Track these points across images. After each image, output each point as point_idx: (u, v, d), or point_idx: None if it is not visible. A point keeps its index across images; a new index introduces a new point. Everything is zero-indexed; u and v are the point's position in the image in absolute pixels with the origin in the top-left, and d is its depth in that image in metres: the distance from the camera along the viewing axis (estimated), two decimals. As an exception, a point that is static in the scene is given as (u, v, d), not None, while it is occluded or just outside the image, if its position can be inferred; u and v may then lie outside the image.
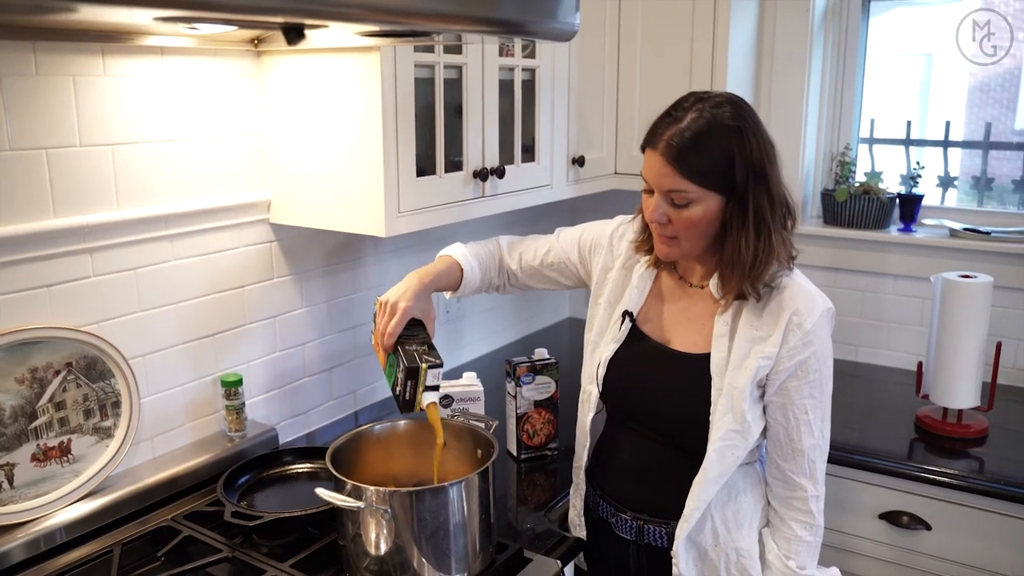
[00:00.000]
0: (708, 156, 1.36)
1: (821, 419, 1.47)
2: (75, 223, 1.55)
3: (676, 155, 1.37)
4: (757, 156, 1.38)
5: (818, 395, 1.45)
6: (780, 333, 1.42)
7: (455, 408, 1.91)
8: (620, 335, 1.58)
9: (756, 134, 1.39)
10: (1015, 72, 2.91)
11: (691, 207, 1.39)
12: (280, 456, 1.86)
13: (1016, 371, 2.49)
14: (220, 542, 1.57)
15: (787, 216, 1.44)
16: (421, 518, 1.37)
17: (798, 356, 1.42)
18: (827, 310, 1.45)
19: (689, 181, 1.37)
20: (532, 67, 2.08)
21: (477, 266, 1.72)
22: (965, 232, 2.52)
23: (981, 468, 2.04)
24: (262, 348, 1.96)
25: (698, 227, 1.41)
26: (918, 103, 3.30)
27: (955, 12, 2.74)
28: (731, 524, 1.50)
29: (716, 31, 2.33)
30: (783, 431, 1.47)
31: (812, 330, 1.42)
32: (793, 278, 1.46)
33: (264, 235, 1.91)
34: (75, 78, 1.53)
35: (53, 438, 1.55)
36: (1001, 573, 1.96)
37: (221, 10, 0.87)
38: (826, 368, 1.46)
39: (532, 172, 2.12)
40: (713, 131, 1.36)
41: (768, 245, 1.40)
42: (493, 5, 1.24)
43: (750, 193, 1.38)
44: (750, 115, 1.41)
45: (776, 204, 1.41)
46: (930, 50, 6.36)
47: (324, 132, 1.76)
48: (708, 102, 1.40)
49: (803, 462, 1.47)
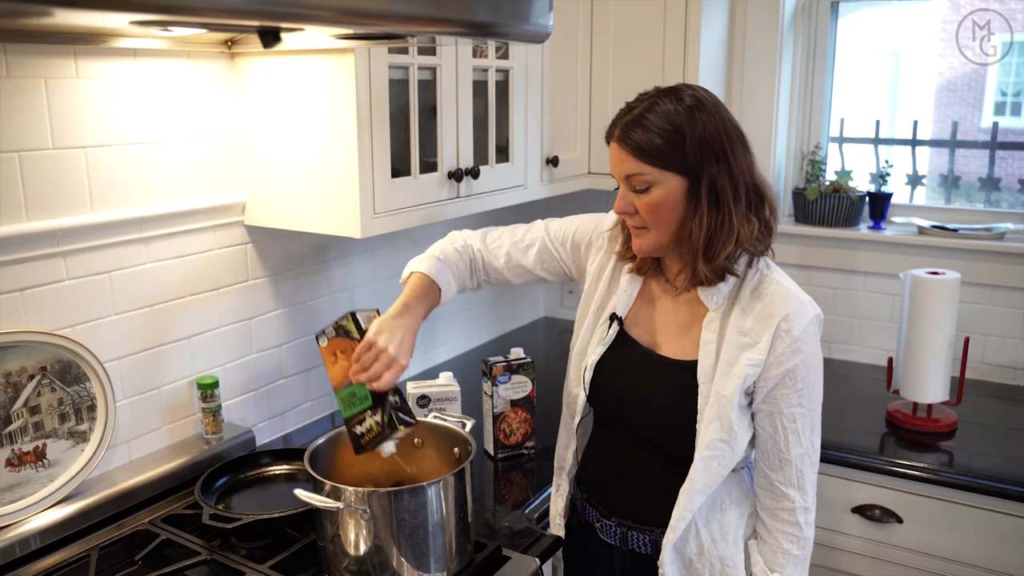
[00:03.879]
0: (660, 135, 1.35)
1: (810, 428, 1.44)
2: (48, 226, 1.54)
3: (630, 139, 1.38)
4: (711, 133, 1.35)
5: (807, 403, 1.42)
6: (768, 339, 1.39)
7: (432, 408, 1.92)
8: (608, 338, 1.55)
9: (713, 114, 1.37)
10: (981, 71, 2.96)
11: (651, 191, 1.38)
12: (257, 458, 1.85)
13: (984, 366, 2.54)
14: (198, 545, 1.57)
15: (757, 203, 1.41)
16: (400, 518, 1.37)
17: (786, 363, 1.39)
18: (816, 316, 1.42)
19: (643, 162, 1.37)
20: (506, 68, 2.09)
21: (452, 278, 1.66)
22: (933, 229, 2.56)
23: (950, 461, 2.07)
24: (238, 350, 1.95)
25: (661, 211, 1.39)
26: (887, 102, 3.34)
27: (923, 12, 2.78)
28: (716, 534, 1.48)
29: (687, 31, 2.36)
30: (770, 440, 1.44)
31: (801, 337, 1.39)
32: (779, 281, 1.44)
33: (239, 237, 1.91)
34: (47, 80, 1.52)
35: (28, 443, 1.54)
36: (970, 563, 2.00)
37: (199, 14, 0.87)
38: (815, 376, 1.43)
39: (506, 172, 2.13)
40: (666, 112, 1.36)
41: (726, 224, 1.37)
42: (468, 8, 1.25)
43: (704, 170, 1.35)
44: (708, 99, 1.39)
45: (740, 187, 1.38)
46: (898, 50, 6.43)
47: (298, 134, 1.76)
48: (664, 91, 1.41)
49: (791, 472, 1.44)
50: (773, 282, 1.43)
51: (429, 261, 1.64)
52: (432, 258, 1.65)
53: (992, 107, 8.40)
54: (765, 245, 1.43)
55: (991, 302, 2.50)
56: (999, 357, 2.52)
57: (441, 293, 1.62)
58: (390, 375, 1.43)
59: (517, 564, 1.55)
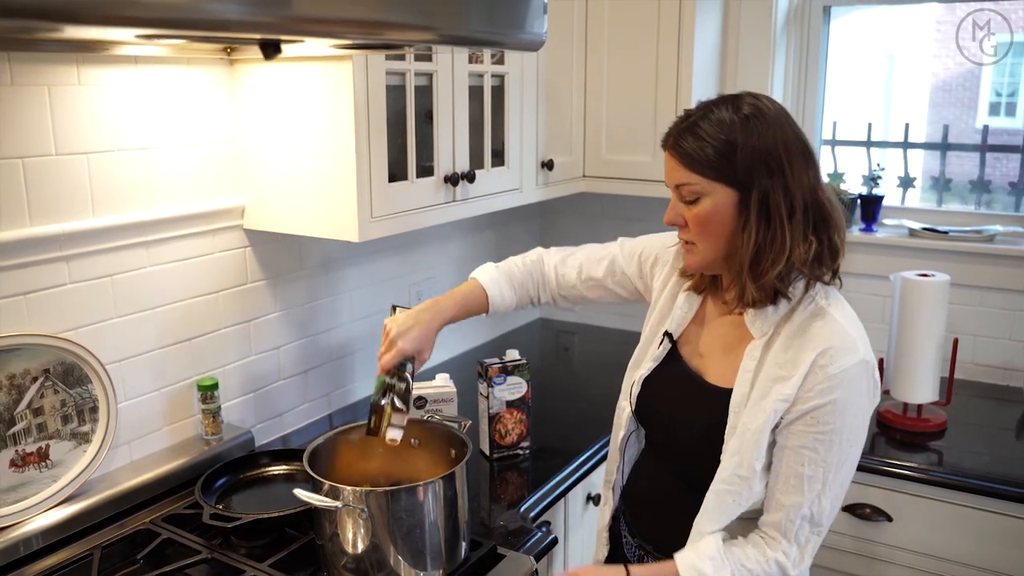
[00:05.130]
0: (711, 144, 1.28)
1: (822, 483, 1.30)
2: (51, 231, 1.57)
3: (680, 147, 1.32)
4: (767, 145, 1.27)
5: (823, 452, 1.29)
6: (802, 373, 1.29)
7: (429, 409, 1.95)
8: (659, 355, 1.52)
9: (772, 125, 1.28)
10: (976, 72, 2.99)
11: (700, 202, 1.31)
12: (256, 458, 1.88)
13: (974, 366, 2.57)
14: (199, 544, 1.60)
15: (818, 222, 1.30)
16: (397, 517, 1.40)
17: (814, 400, 1.28)
18: (864, 361, 1.29)
19: (693, 172, 1.30)
20: (501, 73, 2.12)
21: (508, 287, 1.69)
22: (924, 232, 2.60)
23: (940, 461, 2.11)
24: (237, 352, 1.98)
25: (710, 224, 1.31)
26: (882, 103, 3.36)
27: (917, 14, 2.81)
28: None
29: (681, 36, 2.39)
30: (772, 478, 1.34)
31: (838, 375, 1.27)
32: (834, 316, 1.30)
33: (238, 241, 1.93)
34: (50, 88, 1.55)
35: (31, 444, 1.56)
36: (959, 561, 2.03)
37: (204, 28, 0.90)
38: (846, 427, 1.29)
39: (502, 176, 2.16)
40: (720, 121, 1.29)
41: (777, 240, 1.27)
42: (463, 20, 1.28)
43: (756, 183, 1.27)
44: (770, 109, 1.30)
45: (796, 202, 1.28)
46: (892, 51, 6.46)
47: (297, 139, 1.79)
48: (725, 98, 1.34)
49: (781, 519, 1.33)
50: (827, 315, 1.30)
51: (488, 269, 1.71)
52: (492, 267, 1.71)
53: (987, 108, 8.44)
54: (826, 270, 1.32)
55: (981, 303, 2.53)
56: (989, 358, 2.55)
57: (489, 300, 1.67)
58: (388, 357, 1.50)
59: (512, 562, 1.58)
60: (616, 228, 2.98)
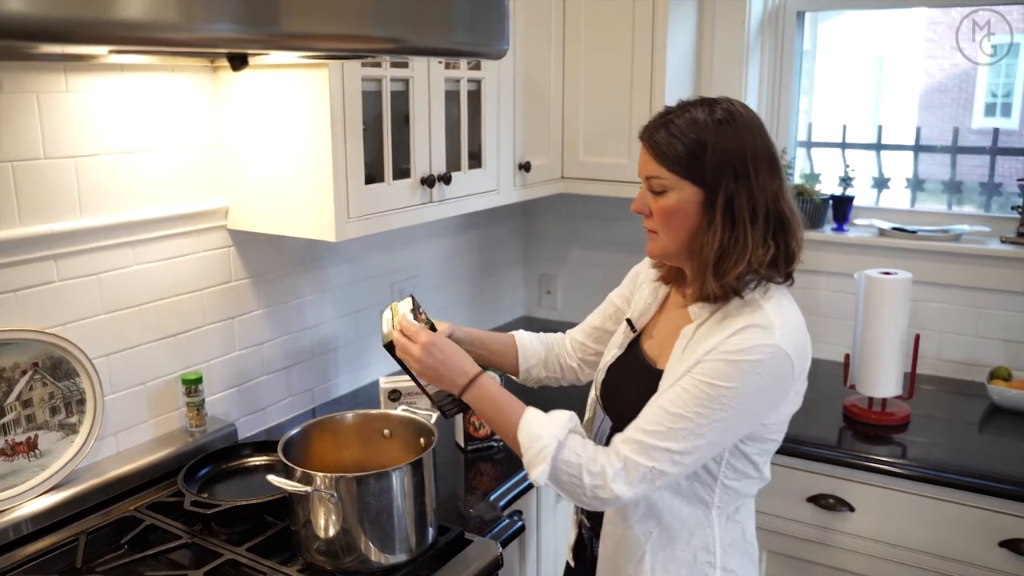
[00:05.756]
0: (682, 142, 1.34)
1: (679, 427, 1.32)
2: (40, 231, 1.65)
3: (654, 140, 1.38)
4: (736, 149, 1.33)
5: (694, 403, 1.31)
6: (716, 342, 1.34)
7: (402, 402, 2.02)
8: (623, 343, 1.58)
9: (742, 131, 1.34)
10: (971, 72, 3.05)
11: (667, 195, 1.37)
12: (238, 450, 1.96)
13: (941, 362, 2.64)
14: (181, 530, 1.68)
15: (778, 228, 1.36)
16: (365, 502, 1.48)
17: (712, 355, 1.33)
18: (776, 346, 1.31)
19: (662, 166, 1.36)
20: (478, 79, 2.19)
21: (538, 342, 1.76)
22: (893, 231, 2.67)
23: (902, 453, 2.18)
24: (221, 348, 2.06)
25: (673, 217, 1.37)
26: (871, 105, 3.43)
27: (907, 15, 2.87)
28: (658, 569, 1.46)
29: (654, 40, 2.46)
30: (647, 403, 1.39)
31: (747, 348, 1.31)
32: (766, 308, 1.35)
33: (222, 240, 2.01)
34: (39, 95, 1.62)
35: (20, 434, 1.64)
36: (917, 549, 2.10)
37: (171, 45, 0.98)
38: (730, 392, 1.31)
39: (479, 178, 2.24)
40: (693, 121, 1.35)
41: (739, 243, 1.33)
42: (423, 33, 1.36)
43: (722, 186, 1.33)
44: (742, 116, 1.36)
45: (759, 208, 1.34)
46: (882, 53, 6.51)
47: (277, 143, 1.87)
48: (703, 100, 1.40)
49: (629, 434, 1.36)
50: (757, 304, 1.36)
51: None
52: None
53: (983, 108, 8.49)
54: (778, 272, 1.38)
55: (947, 301, 2.61)
56: (955, 354, 2.63)
57: (516, 341, 1.76)
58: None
59: (479, 547, 1.66)
60: (598, 228, 3.07)
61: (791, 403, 1.42)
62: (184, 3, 1.03)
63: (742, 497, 1.49)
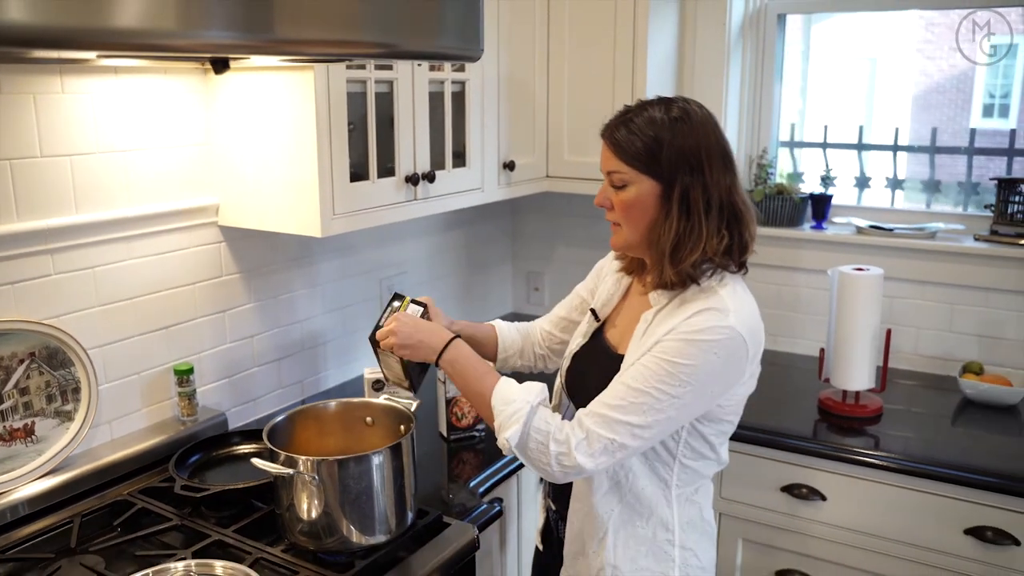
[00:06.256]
0: (640, 139, 1.42)
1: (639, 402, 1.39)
2: (37, 226, 1.72)
3: (614, 136, 1.46)
4: (689, 146, 1.41)
5: (654, 378, 1.39)
6: (673, 324, 1.42)
7: (385, 391, 2.09)
8: (587, 331, 1.66)
9: (697, 129, 1.42)
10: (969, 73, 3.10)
11: (626, 189, 1.45)
12: (228, 438, 2.03)
13: (917, 357, 2.71)
14: (171, 512, 1.75)
15: (731, 219, 1.44)
16: (345, 484, 1.55)
17: (671, 336, 1.41)
18: (731, 328, 1.39)
19: (621, 161, 1.45)
20: (462, 80, 2.26)
21: (516, 332, 1.85)
22: (870, 229, 2.73)
23: (875, 444, 2.24)
24: (213, 340, 2.13)
25: (633, 210, 1.46)
26: (864, 105, 3.49)
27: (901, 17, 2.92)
28: (618, 542, 1.54)
29: (636, 40, 2.53)
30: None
31: (702, 329, 1.39)
32: (721, 294, 1.43)
33: (213, 236, 2.08)
34: (35, 96, 1.70)
35: (18, 420, 1.71)
36: (887, 537, 2.17)
37: (165, 50, 1.06)
38: (687, 370, 1.38)
39: (463, 176, 2.31)
40: (651, 119, 1.43)
41: (694, 233, 1.41)
42: (396, 36, 1.43)
43: (678, 180, 1.41)
44: (697, 114, 1.45)
45: (713, 201, 1.42)
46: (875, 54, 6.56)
47: (266, 142, 1.94)
48: (661, 99, 1.48)
49: (592, 407, 1.43)
50: (712, 290, 1.44)
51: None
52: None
53: (980, 109, 8.53)
54: (732, 260, 1.47)
55: (922, 297, 2.67)
56: (930, 349, 2.69)
57: (496, 330, 1.85)
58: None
59: (456, 530, 1.73)
60: (584, 225, 3.14)
61: (745, 385, 1.50)
62: (178, 11, 1.11)
63: (700, 478, 1.57)
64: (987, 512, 2.05)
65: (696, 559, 1.57)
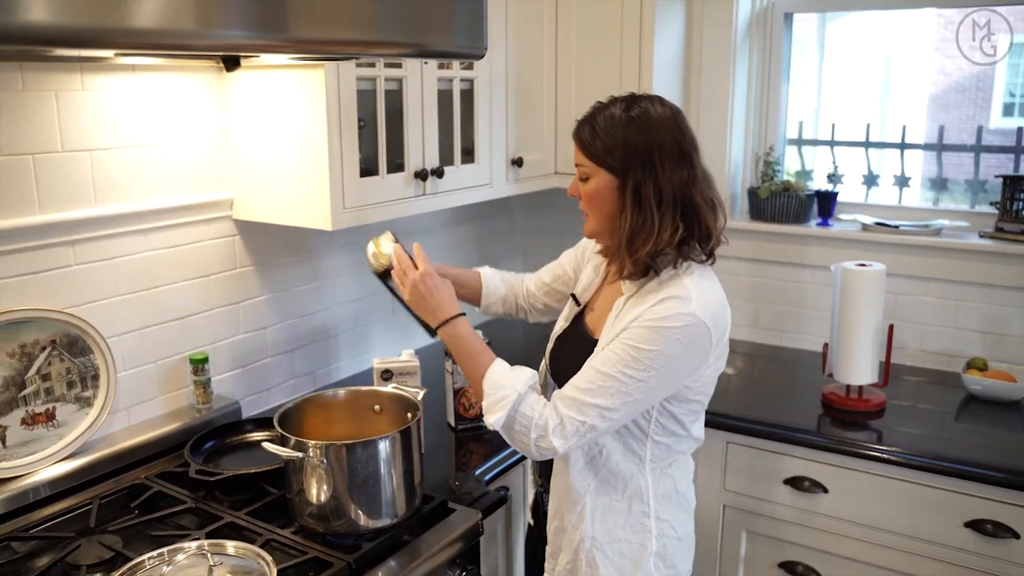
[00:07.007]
0: (599, 136, 1.54)
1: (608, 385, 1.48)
2: (58, 219, 1.79)
3: (578, 133, 1.59)
4: (642, 144, 1.50)
5: (621, 364, 1.47)
6: (640, 312, 1.50)
7: (394, 381, 2.14)
8: (569, 316, 1.77)
9: (653, 127, 1.51)
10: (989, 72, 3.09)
11: (590, 181, 1.57)
12: (242, 425, 2.09)
13: (922, 353, 2.73)
14: (186, 496, 1.81)
15: (685, 212, 1.52)
16: (353, 468, 1.60)
17: (636, 324, 1.49)
18: (692, 315, 1.47)
19: (585, 156, 1.57)
20: (471, 77, 2.31)
21: (500, 281, 1.99)
22: (876, 226, 2.76)
23: (877, 438, 2.27)
24: (227, 330, 2.19)
25: (594, 201, 1.57)
26: (879, 104, 3.51)
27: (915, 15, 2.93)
28: (596, 514, 1.62)
29: (642, 37, 2.57)
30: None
31: (665, 316, 1.47)
32: (685, 282, 1.51)
33: (227, 229, 2.14)
34: (57, 93, 1.76)
35: (40, 405, 1.78)
36: (887, 530, 2.20)
37: (171, 48, 1.11)
38: (650, 355, 1.47)
39: (471, 172, 2.36)
40: (611, 117, 1.54)
41: (647, 225, 1.50)
42: (405, 35, 1.48)
43: (631, 175, 1.51)
44: (655, 113, 1.53)
45: (665, 195, 1.50)
46: (889, 53, 6.55)
47: (278, 138, 1.99)
48: (623, 97, 1.57)
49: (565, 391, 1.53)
50: (678, 278, 1.53)
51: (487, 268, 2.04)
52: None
53: (1000, 108, 8.47)
54: (691, 250, 1.54)
55: (927, 293, 2.70)
56: (935, 345, 2.72)
57: (481, 279, 1.98)
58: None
59: (460, 515, 1.78)
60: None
61: (712, 367, 1.59)
62: (196, 11, 1.16)
63: (674, 453, 1.65)
64: (987, 505, 2.08)
65: (672, 530, 1.66)
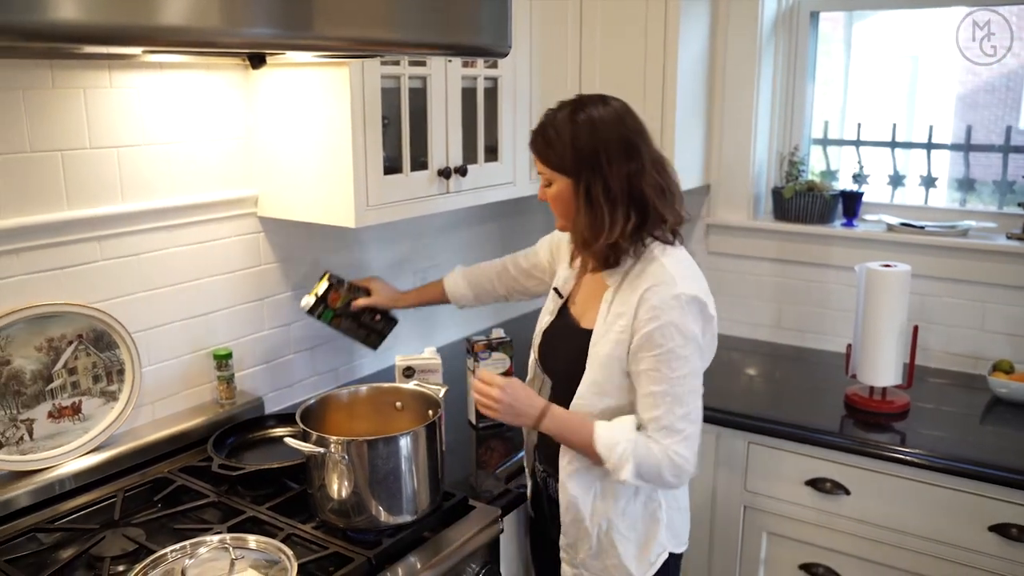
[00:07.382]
0: (551, 144, 1.64)
1: (672, 395, 1.57)
2: (85, 215, 1.81)
3: (535, 143, 1.69)
4: (587, 146, 1.60)
5: (664, 370, 1.57)
6: (633, 307, 1.60)
7: (416, 378, 2.15)
8: (553, 309, 1.84)
9: (598, 128, 1.60)
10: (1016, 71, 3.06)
11: (552, 187, 1.67)
12: (264, 421, 2.11)
13: (947, 355, 2.70)
14: (209, 490, 1.82)
15: (635, 203, 1.61)
16: (374, 464, 1.61)
17: (645, 328, 1.58)
18: (685, 296, 1.58)
19: (542, 162, 1.67)
20: (494, 76, 2.31)
21: (466, 287, 2.19)
22: (901, 227, 2.74)
23: (899, 440, 2.25)
24: (251, 326, 2.21)
25: (557, 204, 1.68)
26: (905, 105, 3.48)
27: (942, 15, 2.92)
28: (608, 495, 1.70)
29: (667, 41, 2.57)
30: (637, 400, 1.63)
31: (659, 305, 1.57)
32: (663, 263, 1.62)
33: (252, 226, 2.16)
34: (85, 90, 1.78)
35: (66, 399, 1.80)
36: (910, 532, 2.18)
37: (198, 46, 1.12)
38: (676, 345, 1.57)
39: (495, 171, 2.36)
40: (558, 123, 1.64)
41: (599, 220, 1.60)
42: (429, 33, 1.49)
43: (581, 177, 1.61)
44: (599, 115, 1.62)
45: (614, 191, 1.60)
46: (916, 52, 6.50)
47: (303, 136, 2.01)
48: (571, 102, 1.67)
49: (648, 418, 1.60)
50: (656, 261, 1.63)
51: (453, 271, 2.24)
52: (458, 269, 2.24)
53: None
54: (657, 233, 1.65)
55: (954, 295, 2.67)
56: (961, 347, 2.69)
57: (444, 285, 2.20)
58: None
59: (480, 512, 1.78)
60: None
61: (714, 340, 1.69)
62: (222, 8, 1.17)
63: None
64: (1013, 509, 2.05)
65: (675, 502, 1.77)
